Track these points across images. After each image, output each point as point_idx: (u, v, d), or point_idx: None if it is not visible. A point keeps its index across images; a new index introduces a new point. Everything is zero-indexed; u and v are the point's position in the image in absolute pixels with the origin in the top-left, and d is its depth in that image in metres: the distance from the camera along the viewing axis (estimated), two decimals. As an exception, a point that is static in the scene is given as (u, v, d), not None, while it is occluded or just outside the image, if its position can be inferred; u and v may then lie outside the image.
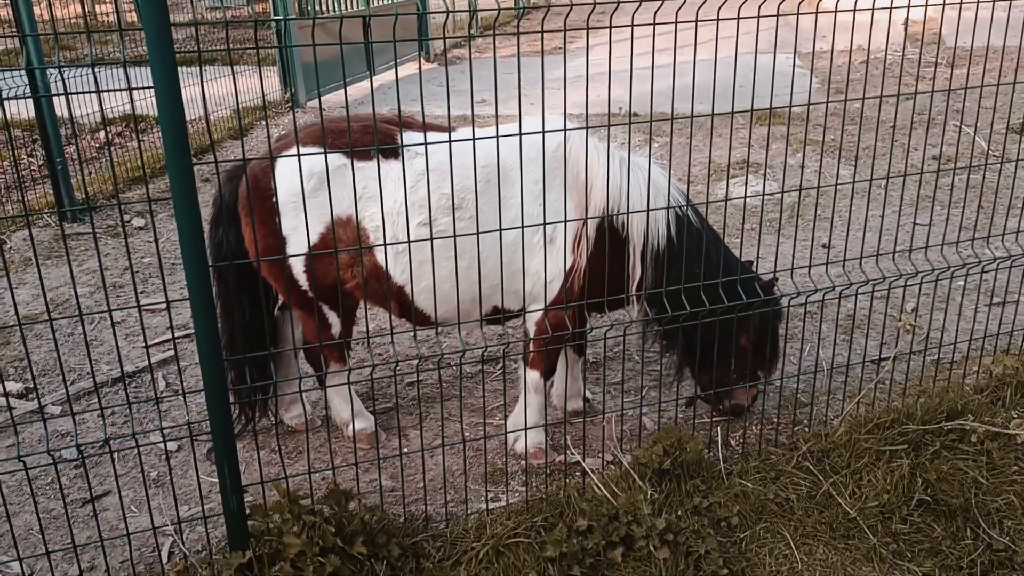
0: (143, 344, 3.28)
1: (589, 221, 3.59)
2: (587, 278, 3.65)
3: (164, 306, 5.55)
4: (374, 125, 3.39)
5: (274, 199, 3.54)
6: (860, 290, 3.78)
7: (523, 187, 3.41)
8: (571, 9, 2.79)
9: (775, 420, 4.15)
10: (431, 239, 3.24)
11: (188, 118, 2.72)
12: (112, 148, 8.82)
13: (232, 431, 3.05)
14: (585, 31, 2.97)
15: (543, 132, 3.20)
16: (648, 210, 3.55)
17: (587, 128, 3.54)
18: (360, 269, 3.59)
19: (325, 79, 10.81)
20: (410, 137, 3.59)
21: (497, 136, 3.19)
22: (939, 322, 4.68)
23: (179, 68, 2.64)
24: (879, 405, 4.07)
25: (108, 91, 2.59)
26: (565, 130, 3.29)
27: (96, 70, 2.55)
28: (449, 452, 3.98)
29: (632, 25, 2.92)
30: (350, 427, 4.11)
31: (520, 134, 3.21)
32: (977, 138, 8.16)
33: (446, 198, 3.50)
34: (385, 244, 3.14)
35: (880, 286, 3.83)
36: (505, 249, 3.48)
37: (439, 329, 4.06)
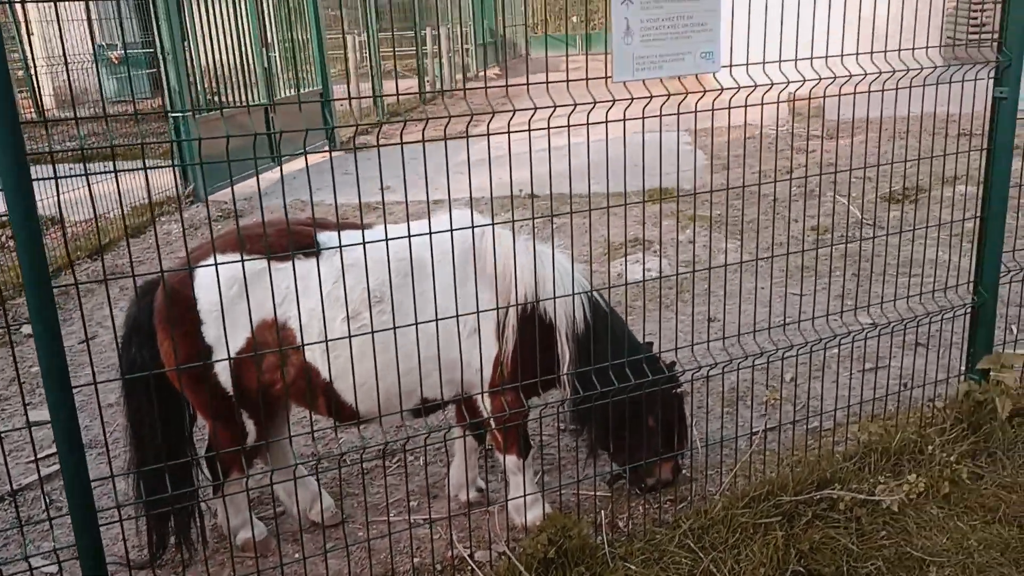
0: (30, 458, 3.19)
1: (509, 310, 3.75)
2: (517, 363, 3.79)
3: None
4: (291, 223, 3.50)
5: (197, 309, 3.56)
6: (741, 365, 3.97)
7: (441, 282, 3.58)
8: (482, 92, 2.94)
9: (659, 499, 4.25)
10: (363, 334, 3.36)
11: (80, 218, 2.71)
12: (0, 251, 8.63)
13: (103, 561, 2.98)
14: (489, 115, 3.19)
15: (459, 229, 3.45)
16: (554, 298, 3.78)
17: (492, 225, 3.71)
18: (288, 369, 3.64)
19: (228, 172, 10.78)
20: (327, 236, 3.71)
21: (433, 232, 3.43)
22: (817, 391, 4.88)
23: (62, 165, 2.60)
24: (756, 477, 4.21)
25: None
26: (473, 227, 3.53)
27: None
28: (343, 555, 3.95)
29: (533, 109, 3.19)
30: (239, 536, 4.04)
31: (446, 230, 3.46)
32: (852, 208, 8.62)
33: (366, 293, 3.62)
34: (322, 343, 3.29)
35: (760, 360, 4.02)
36: (429, 343, 3.58)
37: (360, 423, 4.09)
